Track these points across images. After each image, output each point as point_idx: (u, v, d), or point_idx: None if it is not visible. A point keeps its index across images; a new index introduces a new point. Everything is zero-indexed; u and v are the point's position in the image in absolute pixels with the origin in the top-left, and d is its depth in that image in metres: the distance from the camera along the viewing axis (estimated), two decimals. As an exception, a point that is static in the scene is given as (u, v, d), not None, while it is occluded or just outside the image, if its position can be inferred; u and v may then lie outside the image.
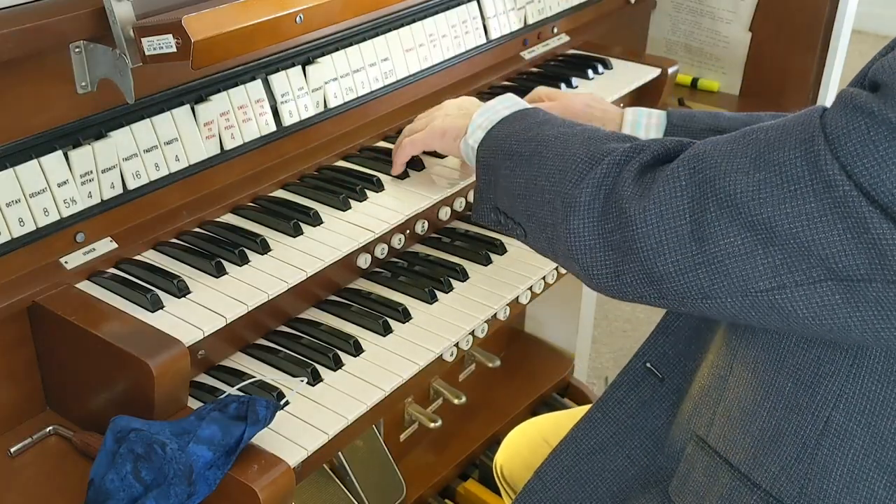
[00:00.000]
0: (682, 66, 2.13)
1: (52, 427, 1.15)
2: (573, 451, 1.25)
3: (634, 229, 0.90)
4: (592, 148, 0.99)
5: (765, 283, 0.84)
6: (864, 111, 0.78)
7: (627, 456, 1.21)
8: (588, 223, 0.95)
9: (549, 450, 1.48)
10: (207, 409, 1.03)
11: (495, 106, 1.20)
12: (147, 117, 1.24)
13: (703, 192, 0.87)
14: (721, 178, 0.86)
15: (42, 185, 1.13)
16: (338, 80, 1.48)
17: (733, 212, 0.84)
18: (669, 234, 0.89)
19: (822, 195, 0.79)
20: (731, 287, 0.86)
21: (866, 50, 4.82)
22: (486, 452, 2.07)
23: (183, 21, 1.05)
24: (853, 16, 2.01)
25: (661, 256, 0.89)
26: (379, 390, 1.16)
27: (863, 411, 0.91)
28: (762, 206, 0.82)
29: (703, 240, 0.86)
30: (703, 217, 0.86)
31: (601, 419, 1.24)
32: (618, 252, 0.93)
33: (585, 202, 0.95)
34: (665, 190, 0.89)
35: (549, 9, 1.88)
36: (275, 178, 1.40)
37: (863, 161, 0.77)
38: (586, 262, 0.96)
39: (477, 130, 1.18)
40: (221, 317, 1.14)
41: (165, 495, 0.96)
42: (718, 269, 0.86)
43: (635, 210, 0.91)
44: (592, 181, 0.96)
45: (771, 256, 0.83)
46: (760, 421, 0.99)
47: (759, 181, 0.83)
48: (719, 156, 0.87)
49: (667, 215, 0.89)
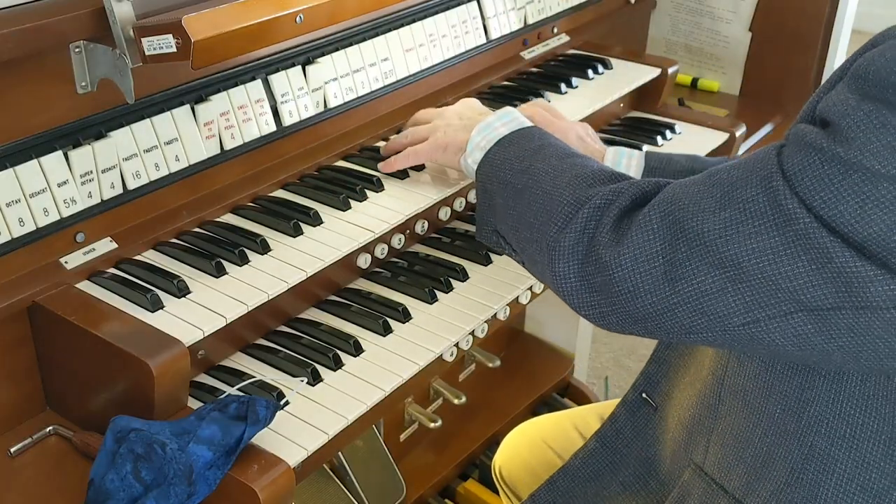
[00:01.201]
0: (682, 66, 2.13)
1: (52, 427, 1.15)
2: (569, 478, 1.27)
3: (611, 274, 0.93)
4: (578, 192, 1.01)
5: (740, 319, 0.86)
6: (815, 148, 0.81)
7: (621, 483, 1.23)
8: (573, 267, 0.97)
9: (549, 451, 1.49)
10: (207, 409, 1.03)
11: (493, 123, 1.21)
12: (147, 117, 1.24)
13: (675, 234, 0.89)
14: (690, 219, 0.88)
15: (42, 185, 1.13)
16: (338, 80, 1.48)
17: (703, 251, 0.86)
18: (644, 276, 0.91)
19: (783, 229, 0.81)
20: (709, 324, 0.88)
21: (866, 50, 4.83)
22: (486, 452, 2.07)
23: (183, 21, 1.05)
24: (853, 16, 2.01)
25: (638, 299, 0.91)
26: (379, 390, 1.16)
27: (844, 436, 0.93)
28: (729, 244, 0.84)
29: (675, 280, 0.88)
30: (674, 258, 0.88)
31: (599, 448, 1.26)
32: (601, 294, 0.95)
33: (569, 248, 0.98)
34: (638, 235, 0.92)
35: (549, 9, 1.88)
36: (275, 178, 1.40)
37: (820, 195, 0.79)
38: (574, 302, 0.99)
39: (475, 151, 1.19)
40: (221, 317, 1.14)
41: (165, 495, 0.96)
42: (695, 307, 0.88)
43: (611, 256, 0.93)
44: (575, 227, 0.98)
45: (741, 293, 0.85)
46: (753, 447, 1.01)
47: (725, 220, 0.85)
48: (687, 198, 0.90)
49: (640, 259, 0.91)
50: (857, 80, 0.80)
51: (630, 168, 1.36)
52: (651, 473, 1.21)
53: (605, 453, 1.25)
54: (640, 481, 1.21)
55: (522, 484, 1.51)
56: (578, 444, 1.31)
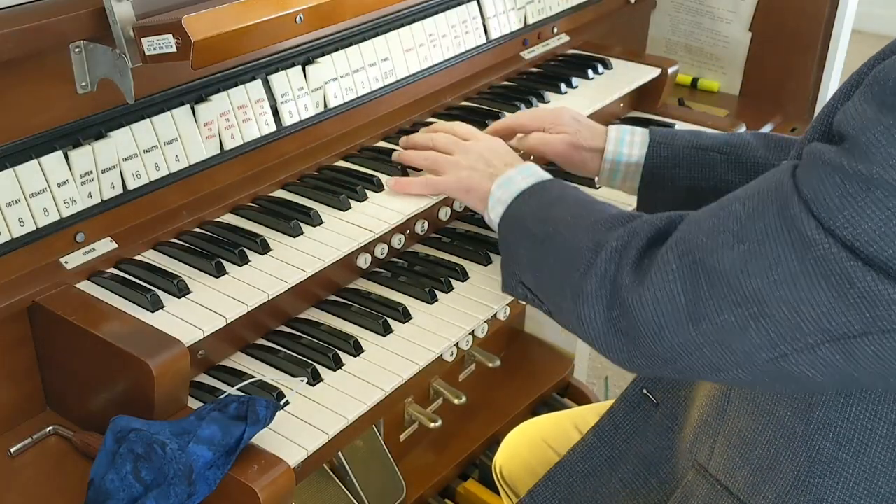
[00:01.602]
0: (682, 66, 2.13)
1: (52, 427, 1.15)
2: (568, 473, 1.27)
3: (635, 316, 0.92)
4: (597, 236, 1.01)
5: (766, 354, 0.84)
6: (833, 166, 0.79)
7: (621, 479, 1.23)
8: (598, 311, 0.97)
9: (549, 451, 1.49)
10: (207, 409, 1.03)
11: (514, 177, 1.20)
12: (147, 117, 1.24)
13: (694, 273, 0.88)
14: (709, 257, 0.87)
15: (42, 185, 1.13)
16: (338, 80, 1.48)
17: (723, 288, 0.85)
18: (667, 318, 0.89)
19: (802, 256, 0.80)
20: (736, 360, 0.87)
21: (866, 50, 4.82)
22: (486, 452, 2.07)
23: (183, 21, 1.05)
24: (853, 16, 2.01)
25: (663, 340, 0.90)
26: (379, 390, 1.16)
27: (851, 440, 0.92)
28: (750, 279, 0.83)
29: (699, 319, 0.87)
30: (696, 296, 0.87)
31: (597, 443, 1.26)
32: (627, 337, 0.94)
33: (593, 293, 0.97)
34: (657, 276, 0.91)
35: (549, 9, 1.88)
36: (275, 178, 1.40)
37: (842, 214, 0.77)
38: (602, 347, 0.98)
39: (497, 205, 1.19)
40: (221, 317, 1.14)
41: (165, 495, 0.96)
42: (721, 345, 0.87)
43: (633, 299, 0.92)
44: (597, 272, 0.97)
45: (765, 328, 0.83)
46: (759, 449, 1.01)
47: (743, 253, 0.84)
48: (703, 234, 0.89)
49: (662, 300, 0.90)
50: (876, 91, 0.78)
51: (634, 144, 1.36)
52: (651, 471, 1.21)
53: (604, 448, 1.25)
54: (639, 479, 1.21)
55: (523, 483, 1.51)
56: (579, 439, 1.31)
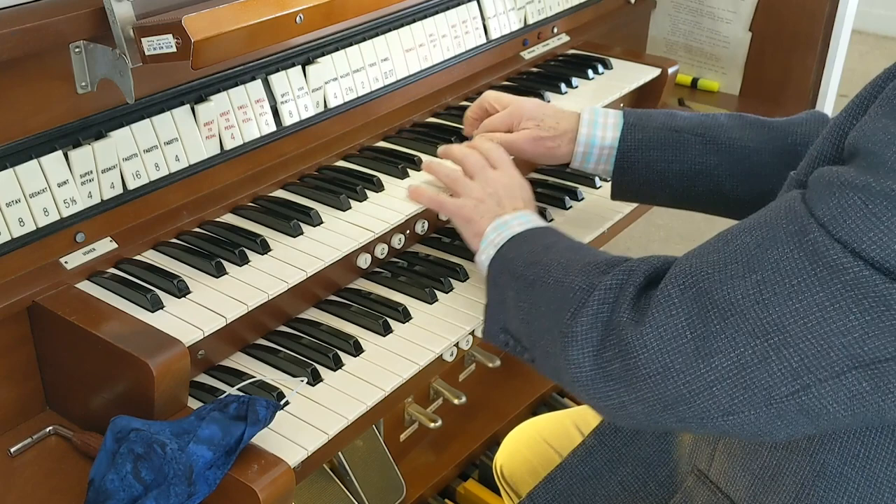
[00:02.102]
0: (682, 66, 2.13)
1: (52, 427, 1.15)
2: (568, 475, 1.26)
3: (636, 357, 0.87)
4: (590, 278, 0.97)
5: (787, 388, 0.80)
6: (854, 187, 0.75)
7: (620, 482, 1.22)
8: (587, 354, 0.92)
9: (549, 450, 1.49)
10: (207, 409, 1.03)
11: (510, 222, 1.18)
12: (147, 117, 1.24)
13: (702, 307, 0.84)
14: (718, 289, 0.83)
15: (42, 185, 1.13)
16: (338, 80, 1.48)
17: (738, 320, 0.81)
18: (673, 356, 0.85)
19: (828, 283, 0.76)
20: (752, 398, 0.82)
21: (866, 50, 4.85)
22: (486, 452, 2.07)
23: (183, 21, 1.05)
24: (853, 16, 2.01)
25: (669, 381, 0.86)
26: (379, 390, 1.16)
27: (857, 455, 0.91)
28: (768, 309, 0.79)
29: (710, 355, 0.83)
30: (705, 332, 0.83)
31: (597, 446, 1.25)
32: (620, 382, 0.90)
33: (582, 333, 0.93)
34: (659, 312, 0.86)
35: (549, 9, 1.88)
36: (275, 178, 1.40)
37: (868, 236, 0.74)
38: (590, 392, 0.93)
39: (489, 247, 1.16)
40: (221, 317, 1.14)
41: (165, 495, 0.96)
42: (735, 382, 0.82)
43: (633, 337, 0.88)
44: (589, 311, 0.93)
45: (787, 359, 0.79)
46: (761, 459, 0.99)
47: (757, 283, 0.80)
48: (709, 267, 0.85)
49: (666, 337, 0.85)
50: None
51: (607, 127, 1.35)
52: (650, 475, 1.20)
53: (604, 451, 1.25)
54: (638, 481, 1.21)
55: (524, 483, 1.51)
56: (579, 442, 1.31)
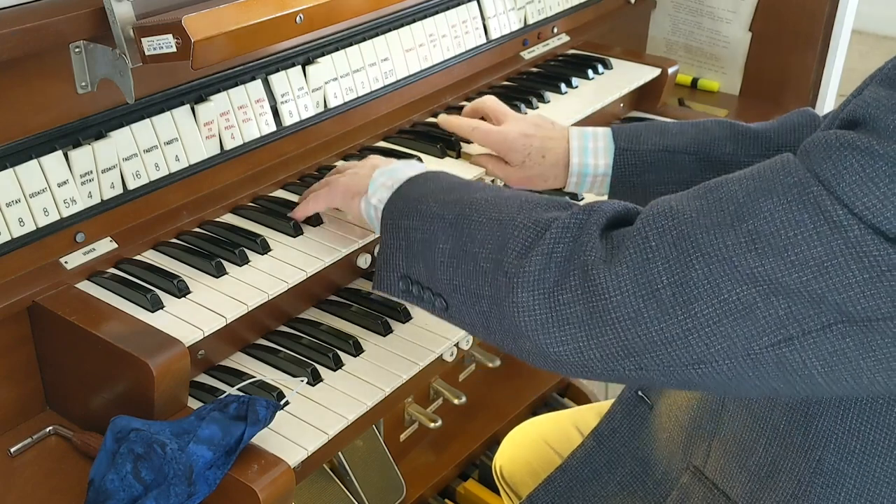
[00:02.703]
0: (682, 66, 2.13)
1: (52, 427, 1.15)
2: (567, 477, 1.26)
3: (607, 299, 0.82)
4: (535, 214, 0.91)
5: (769, 338, 0.78)
6: (855, 148, 0.74)
7: (618, 482, 1.22)
8: (539, 296, 0.86)
9: (549, 450, 1.49)
10: (207, 409, 1.03)
11: (399, 167, 1.13)
12: (147, 117, 1.24)
13: (683, 251, 0.80)
14: (703, 234, 0.79)
15: (42, 185, 1.13)
16: (338, 80, 1.48)
17: (725, 266, 0.78)
18: (647, 300, 0.80)
19: (829, 239, 0.74)
20: (730, 348, 0.79)
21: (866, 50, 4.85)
22: (486, 452, 2.07)
23: (183, 21, 1.05)
24: (853, 16, 2.01)
25: (640, 326, 0.81)
26: (379, 390, 1.16)
27: (854, 451, 0.90)
28: (761, 258, 0.76)
29: (689, 302, 0.79)
30: (686, 277, 0.79)
31: (596, 448, 1.25)
32: (579, 326, 0.84)
33: (534, 272, 0.86)
34: (635, 253, 0.82)
35: (549, 9, 1.88)
36: (275, 178, 1.40)
37: (867, 198, 0.73)
38: (540, 339, 0.87)
39: (381, 189, 1.09)
40: (221, 317, 1.14)
41: (165, 495, 0.96)
42: (714, 330, 0.79)
43: (605, 278, 0.82)
44: (542, 250, 0.87)
45: (773, 308, 0.77)
46: (757, 456, 0.99)
47: (748, 232, 0.77)
48: (692, 211, 0.81)
49: (641, 281, 0.81)
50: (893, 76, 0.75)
51: (598, 153, 1.33)
52: (648, 473, 1.20)
53: (603, 452, 1.25)
54: (637, 480, 1.21)
55: (523, 484, 1.51)
56: (578, 442, 1.31)
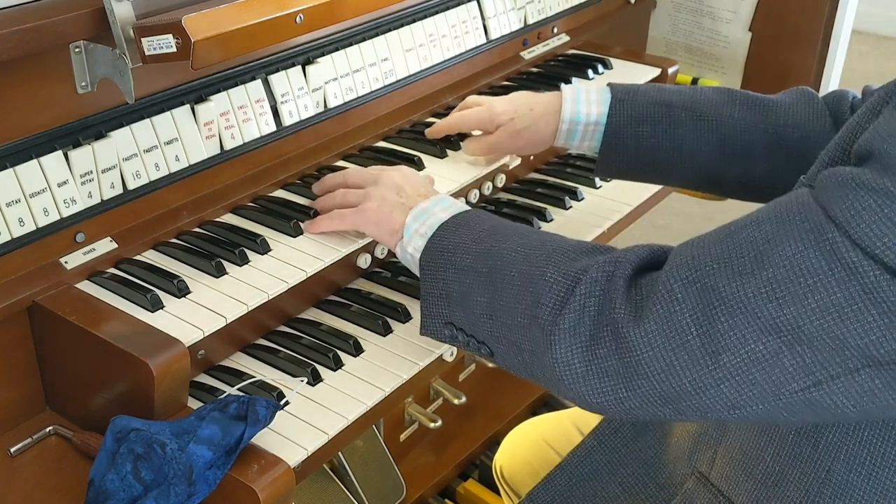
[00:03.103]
0: (682, 66, 2.13)
1: (52, 427, 1.15)
2: (567, 476, 1.25)
3: (639, 354, 0.84)
4: (563, 266, 0.93)
5: (798, 384, 0.79)
6: (872, 189, 0.74)
7: (620, 484, 1.21)
8: (577, 351, 0.88)
9: (549, 450, 1.49)
10: (207, 409, 1.03)
11: (431, 208, 1.12)
12: (147, 117, 1.24)
13: (708, 302, 0.81)
14: (725, 285, 0.80)
15: (42, 185, 1.13)
16: (338, 80, 1.48)
17: (749, 317, 0.79)
18: (678, 353, 0.82)
19: (847, 284, 0.74)
20: (761, 395, 0.81)
21: (866, 50, 4.85)
22: (486, 452, 2.07)
23: (183, 21, 1.05)
24: (853, 16, 2.01)
25: (673, 378, 0.83)
26: (379, 390, 1.16)
27: (863, 463, 0.90)
28: (782, 307, 0.77)
29: (718, 353, 0.81)
30: (712, 329, 0.81)
31: (597, 447, 1.24)
32: (616, 378, 0.87)
33: (569, 329, 0.89)
34: (663, 307, 0.83)
35: (549, 9, 1.88)
36: (275, 178, 1.40)
37: (884, 240, 0.73)
38: (581, 390, 0.89)
39: (415, 237, 1.10)
40: (221, 317, 1.14)
41: (165, 495, 0.96)
42: (744, 379, 0.81)
43: (636, 335, 0.84)
44: (574, 306, 0.89)
45: (800, 356, 0.78)
46: (763, 465, 0.98)
47: (769, 280, 0.78)
48: (713, 260, 0.82)
49: (670, 334, 0.83)
50: None
51: (591, 102, 1.33)
52: (650, 476, 1.20)
53: (604, 452, 1.24)
54: (639, 483, 1.20)
55: (523, 483, 1.51)
56: (579, 442, 1.30)
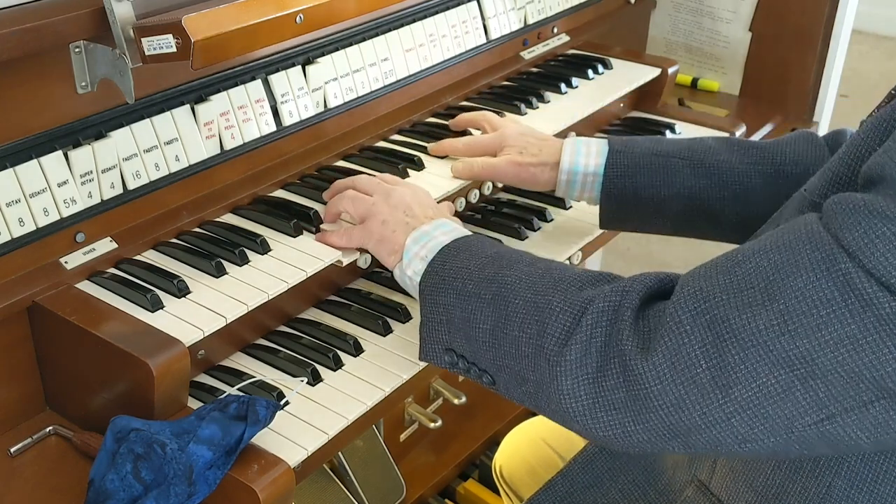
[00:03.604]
0: (682, 66, 2.13)
1: (52, 427, 1.15)
2: (569, 483, 1.24)
3: (647, 387, 0.83)
4: (569, 296, 0.91)
5: (810, 418, 0.78)
6: (885, 217, 0.73)
7: (620, 490, 1.20)
8: (583, 383, 0.87)
9: (549, 450, 1.49)
10: (207, 409, 1.03)
11: (431, 232, 1.11)
12: (147, 117, 1.24)
13: (717, 335, 0.80)
14: (735, 317, 0.79)
15: (42, 185, 1.13)
16: (338, 80, 1.48)
17: (760, 350, 0.77)
18: (688, 387, 0.81)
19: (861, 315, 0.73)
20: (773, 428, 0.80)
21: (866, 50, 4.85)
22: (486, 452, 2.07)
23: (183, 21, 1.05)
24: (853, 16, 2.01)
25: (683, 412, 0.82)
26: (379, 390, 1.16)
27: (865, 479, 0.89)
28: (794, 340, 0.76)
29: (728, 386, 0.79)
30: (722, 362, 0.79)
31: (597, 453, 1.24)
32: (624, 411, 0.85)
33: (575, 360, 0.87)
34: (671, 339, 0.82)
35: (549, 9, 1.88)
36: (275, 178, 1.40)
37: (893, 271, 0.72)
38: (588, 423, 0.88)
39: (415, 260, 1.09)
40: (221, 317, 1.14)
41: (165, 495, 0.96)
42: (755, 413, 0.79)
43: (644, 367, 0.83)
44: (581, 337, 0.88)
45: (813, 390, 0.77)
46: (764, 477, 0.97)
47: (780, 312, 0.76)
48: (721, 291, 0.81)
49: (679, 367, 0.81)
50: None
51: (590, 154, 1.33)
52: (650, 483, 1.19)
53: (605, 458, 1.23)
54: (639, 489, 1.19)
55: (523, 484, 1.51)
56: (579, 443, 1.30)
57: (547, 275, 0.97)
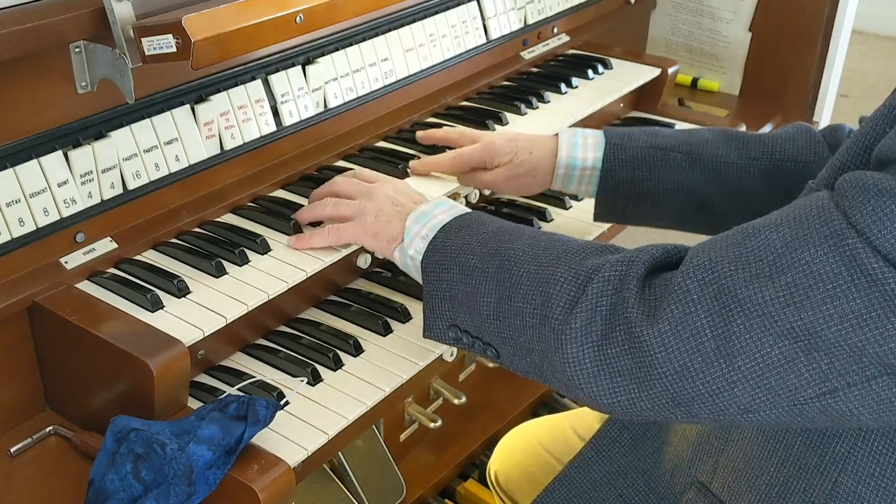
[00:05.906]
0: (682, 66, 2.13)
1: (52, 427, 1.15)
2: (566, 489, 1.23)
3: (652, 355, 0.84)
4: (574, 265, 0.92)
5: (813, 391, 0.79)
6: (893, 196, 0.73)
7: (620, 495, 1.19)
8: (588, 350, 0.87)
9: (545, 455, 1.47)
10: (207, 409, 1.03)
11: (431, 211, 1.11)
12: (147, 117, 1.24)
13: (724, 305, 0.81)
14: (742, 287, 0.80)
15: (42, 185, 1.13)
16: (338, 80, 1.48)
17: (766, 321, 0.78)
18: (692, 355, 0.82)
19: (867, 291, 0.74)
20: (775, 400, 0.80)
21: (866, 50, 4.85)
22: (486, 453, 2.07)
23: (183, 21, 1.05)
24: (853, 16, 2.01)
25: (687, 380, 0.83)
26: (379, 390, 1.16)
27: (872, 474, 0.89)
28: (800, 312, 0.77)
29: (732, 356, 0.80)
30: (727, 331, 0.80)
31: (595, 458, 1.23)
32: (629, 378, 0.86)
33: (581, 328, 0.88)
34: (678, 308, 0.83)
35: (549, 9, 1.88)
36: (275, 178, 1.40)
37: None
38: (592, 390, 0.88)
39: (416, 240, 1.09)
40: (221, 317, 1.14)
41: (165, 495, 0.96)
42: (758, 383, 0.80)
43: (649, 334, 0.84)
44: (586, 305, 0.88)
45: (816, 362, 0.77)
46: (768, 476, 0.97)
47: (787, 285, 0.77)
48: (730, 263, 0.82)
49: (685, 335, 0.82)
50: None
51: (587, 147, 1.33)
52: (650, 486, 1.18)
53: (602, 463, 1.22)
54: (638, 494, 1.18)
55: (519, 489, 1.49)
56: (576, 446, 1.29)
57: (551, 247, 0.97)
